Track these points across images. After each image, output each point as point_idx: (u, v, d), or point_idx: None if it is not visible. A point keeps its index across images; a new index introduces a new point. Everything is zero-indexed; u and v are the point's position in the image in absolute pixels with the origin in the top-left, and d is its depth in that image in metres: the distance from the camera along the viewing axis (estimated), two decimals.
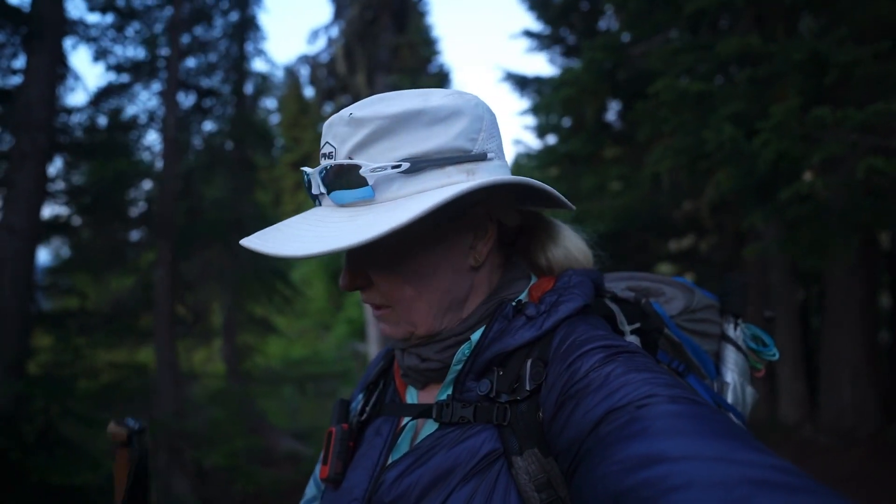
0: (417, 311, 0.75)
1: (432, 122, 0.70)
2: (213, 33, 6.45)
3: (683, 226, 7.51)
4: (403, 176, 0.69)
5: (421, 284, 0.74)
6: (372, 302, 0.77)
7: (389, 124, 0.70)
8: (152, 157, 6.04)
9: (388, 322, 0.77)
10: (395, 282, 0.73)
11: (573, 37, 7.84)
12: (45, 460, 3.33)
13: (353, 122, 0.70)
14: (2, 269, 3.62)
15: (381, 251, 0.72)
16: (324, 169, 0.71)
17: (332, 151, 0.72)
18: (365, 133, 0.70)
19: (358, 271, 0.75)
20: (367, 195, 0.69)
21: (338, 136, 0.71)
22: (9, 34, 3.93)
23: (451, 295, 0.76)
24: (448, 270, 0.75)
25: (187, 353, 6.32)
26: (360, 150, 0.69)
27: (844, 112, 3.00)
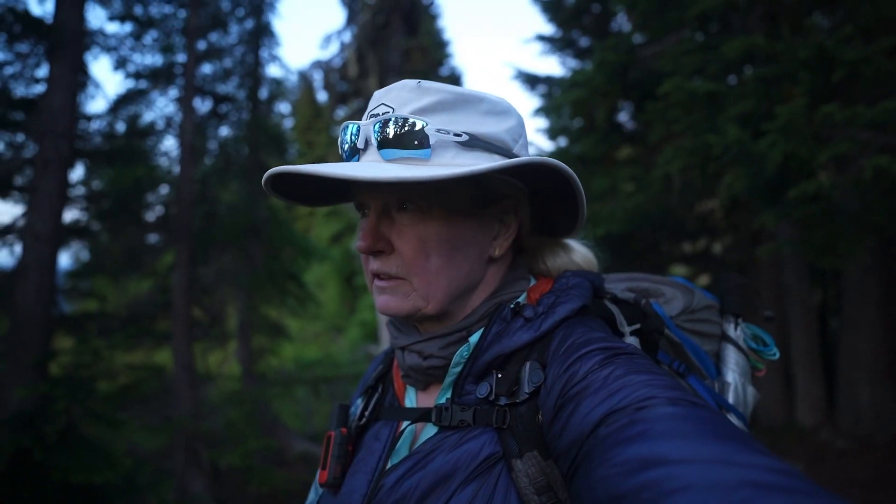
0: (436, 286, 0.74)
1: (489, 112, 0.74)
2: (228, 40, 6.54)
3: (697, 227, 7.42)
4: (458, 147, 0.72)
5: (449, 258, 0.74)
6: (386, 271, 0.74)
7: (453, 100, 0.72)
8: (169, 162, 6.14)
9: (396, 294, 0.75)
10: (425, 250, 0.73)
11: (585, 39, 7.81)
12: (67, 459, 3.39)
13: (420, 89, 0.72)
14: (26, 273, 3.71)
15: (427, 214, 0.72)
16: (383, 121, 0.71)
17: (388, 111, 0.72)
18: (429, 101, 0.71)
19: (382, 235, 0.74)
20: (424, 155, 0.70)
21: (397, 100, 0.72)
22: (32, 45, 4.04)
23: (468, 279, 0.76)
24: (473, 253, 0.76)
25: (203, 355, 6.40)
26: (421, 115, 0.71)
27: (854, 110, 2.96)
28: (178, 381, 5.14)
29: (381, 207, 0.75)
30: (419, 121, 0.70)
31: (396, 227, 0.74)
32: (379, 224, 0.74)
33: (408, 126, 0.70)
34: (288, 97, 10.20)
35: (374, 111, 0.74)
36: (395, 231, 0.74)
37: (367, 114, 0.75)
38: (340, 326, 16.65)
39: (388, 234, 0.74)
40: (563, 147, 7.52)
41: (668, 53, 4.81)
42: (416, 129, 0.69)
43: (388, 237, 0.74)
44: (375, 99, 0.76)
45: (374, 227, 0.74)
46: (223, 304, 6.60)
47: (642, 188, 5.56)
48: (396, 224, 0.74)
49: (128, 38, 4.99)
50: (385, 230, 0.74)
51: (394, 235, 0.74)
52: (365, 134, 0.73)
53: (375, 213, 0.75)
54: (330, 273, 17.03)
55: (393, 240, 0.74)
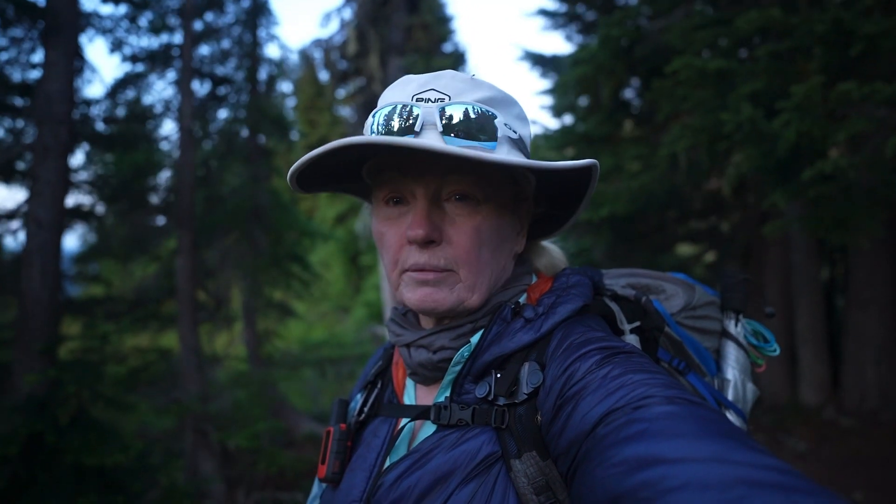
0: (483, 277, 0.74)
1: (519, 116, 0.76)
2: (225, 20, 6.44)
3: (703, 205, 7.35)
4: (511, 143, 0.73)
5: (495, 251, 0.75)
6: (435, 263, 0.72)
7: (501, 98, 0.73)
8: (170, 146, 6.11)
9: (441, 287, 0.73)
10: (479, 242, 0.72)
11: (590, 13, 7.63)
12: (79, 442, 3.46)
13: (474, 82, 0.72)
14: (31, 260, 3.73)
15: (481, 205, 0.72)
16: (449, 106, 0.68)
17: (442, 98, 0.70)
18: (484, 94, 0.71)
19: (436, 224, 0.72)
20: (490, 147, 0.69)
21: (451, 88, 0.70)
22: (26, 29, 3.99)
23: (503, 273, 0.78)
24: (509, 248, 0.78)
25: (209, 338, 6.47)
26: (483, 105, 0.70)
27: (871, 86, 2.89)
28: (186, 363, 5.20)
29: (432, 195, 0.72)
30: (492, 112, 0.69)
31: (448, 217, 0.72)
32: (430, 212, 0.72)
33: (479, 115, 0.68)
34: (289, 76, 10.09)
35: (423, 95, 0.71)
36: (447, 220, 0.72)
37: (412, 96, 0.71)
38: (346, 307, 16.77)
39: (439, 223, 0.72)
40: (567, 125, 7.42)
41: (677, 28, 4.69)
42: (488, 120, 0.69)
43: (440, 227, 0.72)
44: (420, 83, 0.72)
45: (429, 215, 0.72)
46: (228, 287, 6.64)
47: (648, 167, 5.49)
48: (448, 214, 0.73)
49: (123, 19, 4.92)
50: (436, 219, 0.72)
51: (446, 224, 0.72)
52: (425, 117, 0.69)
53: (426, 200, 0.72)
54: (335, 253, 17.09)
55: (445, 229, 0.72)
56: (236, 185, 6.48)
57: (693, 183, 6.34)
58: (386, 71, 9.80)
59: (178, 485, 4.24)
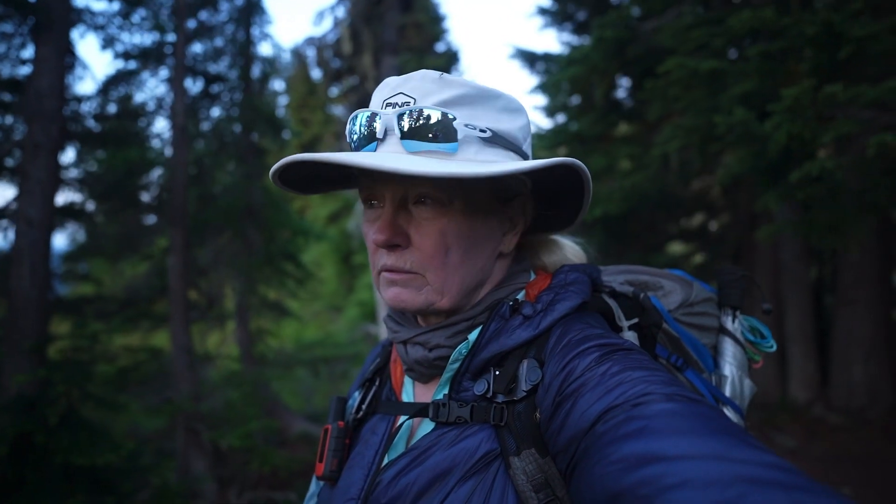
0: (451, 281, 0.73)
1: (504, 109, 0.74)
2: (218, 17, 6.39)
3: (694, 205, 7.41)
4: (481, 143, 0.71)
5: (466, 253, 0.73)
6: (400, 266, 0.73)
7: (475, 94, 0.71)
8: (162, 144, 6.06)
9: (410, 288, 0.73)
10: (444, 245, 0.72)
11: (583, 13, 7.66)
12: (68, 442, 3.43)
13: (442, 81, 0.71)
14: (20, 259, 3.69)
15: (447, 208, 0.71)
16: (407, 111, 0.68)
17: (409, 101, 0.70)
18: (452, 94, 0.70)
19: (400, 228, 0.72)
20: (451, 149, 0.68)
21: (419, 90, 0.70)
22: (17, 24, 3.94)
23: (480, 274, 0.77)
24: (487, 249, 0.77)
25: (202, 337, 6.43)
26: (445, 108, 0.69)
27: (857, 89, 2.92)
28: (177, 362, 5.16)
29: (398, 200, 0.73)
30: (448, 114, 0.68)
31: (414, 221, 0.72)
32: (396, 216, 0.72)
33: (435, 119, 0.68)
34: (281, 75, 10.04)
35: (392, 100, 0.71)
36: (412, 224, 0.72)
37: (383, 102, 0.72)
38: (339, 306, 16.71)
39: (405, 226, 0.73)
40: (560, 125, 7.44)
41: (669, 28, 4.72)
42: (445, 122, 0.68)
43: (406, 230, 0.73)
44: (391, 87, 0.73)
45: (392, 220, 0.72)
46: (220, 286, 6.60)
47: (640, 167, 5.52)
48: (414, 217, 0.72)
49: (115, 16, 4.87)
50: (402, 223, 0.73)
51: (412, 229, 0.72)
52: (385, 123, 0.70)
53: (392, 205, 0.72)
54: (327, 252, 17.02)
55: (411, 233, 0.72)
56: (229, 183, 6.44)
57: (683, 182, 6.39)
58: (379, 70, 9.78)
59: (169, 485, 4.22)
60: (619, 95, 7.23)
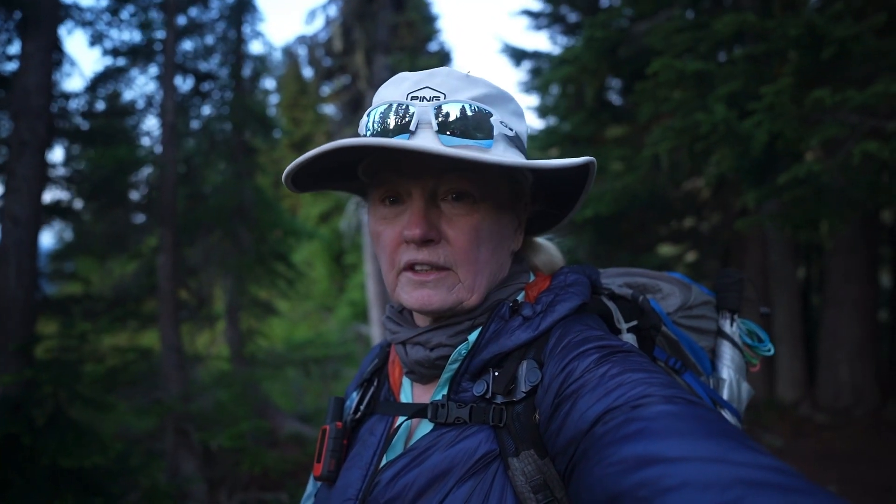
0: (482, 276, 0.73)
1: (515, 112, 0.75)
2: (209, 15, 6.34)
3: (684, 206, 7.47)
4: (507, 141, 0.72)
5: (495, 250, 0.74)
6: (434, 261, 0.72)
7: (496, 95, 0.72)
8: (152, 142, 6.00)
9: (440, 288, 0.72)
10: (477, 241, 0.72)
11: (574, 14, 7.69)
12: (55, 444, 3.38)
13: (470, 79, 0.71)
14: (6, 257, 3.63)
15: (478, 204, 0.72)
16: (444, 105, 0.68)
17: (438, 96, 0.69)
18: (480, 92, 0.70)
19: (433, 223, 0.72)
20: (486, 145, 0.69)
21: (445, 85, 0.70)
22: (3, 20, 3.87)
23: (501, 271, 0.78)
24: (507, 246, 0.78)
25: (191, 337, 6.37)
26: (479, 104, 0.69)
27: (844, 93, 2.96)
28: (167, 363, 5.11)
29: (429, 194, 0.72)
30: (487, 111, 0.69)
31: (445, 216, 0.72)
32: (427, 211, 0.72)
33: (478, 113, 0.68)
34: (273, 73, 9.97)
35: (418, 94, 0.70)
36: (444, 219, 0.72)
37: (407, 95, 0.71)
38: (330, 306, 16.65)
39: (436, 222, 0.72)
40: (551, 125, 7.46)
41: (659, 30, 4.75)
42: (483, 118, 0.68)
43: (438, 226, 0.72)
44: (414, 81, 0.72)
45: (426, 214, 0.72)
46: (210, 286, 6.55)
47: (631, 168, 5.56)
48: (444, 213, 0.72)
49: (104, 12, 4.81)
50: (433, 218, 0.72)
51: (443, 223, 0.72)
52: (420, 116, 0.69)
53: (423, 200, 0.72)
54: (318, 252, 16.95)
55: (443, 228, 0.72)
56: (219, 182, 6.39)
57: (674, 183, 6.44)
58: (371, 69, 9.76)
59: (158, 486, 4.17)
60: (609, 96, 7.27)
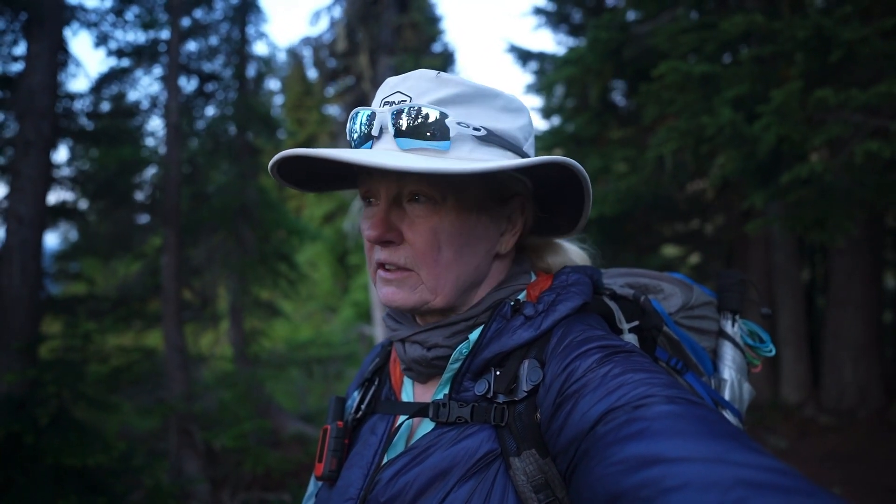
0: (445, 279, 0.73)
1: (504, 108, 0.74)
2: (213, 16, 6.36)
3: (688, 207, 7.45)
4: (475, 141, 0.71)
5: (459, 252, 0.73)
6: (394, 261, 0.73)
7: (472, 93, 0.71)
8: (156, 143, 6.03)
9: (404, 287, 0.74)
10: (436, 243, 0.72)
11: (579, 14, 7.69)
12: (59, 442, 3.40)
13: (439, 80, 0.71)
14: (10, 257, 3.65)
15: (440, 206, 0.72)
16: (400, 110, 0.69)
17: (405, 100, 0.70)
18: (448, 93, 0.70)
19: (392, 224, 0.73)
20: (443, 147, 0.69)
21: (415, 89, 0.71)
22: (9, 21, 3.90)
23: (476, 273, 0.76)
24: (482, 248, 0.76)
25: (195, 337, 6.40)
26: (440, 106, 0.69)
27: (848, 93, 2.95)
28: (170, 362, 5.13)
29: (392, 197, 0.73)
30: (440, 112, 0.68)
31: (408, 218, 0.73)
32: (389, 213, 0.73)
33: (428, 117, 0.68)
34: (277, 74, 10.02)
35: (389, 98, 0.72)
36: (406, 221, 0.73)
37: (381, 101, 0.74)
38: (333, 306, 16.67)
39: (398, 223, 0.73)
40: (556, 126, 7.46)
41: (663, 31, 4.74)
42: (437, 120, 0.68)
43: (399, 227, 0.73)
44: (390, 86, 0.74)
45: (385, 217, 0.73)
46: (214, 286, 6.57)
47: (635, 169, 5.54)
48: (408, 214, 0.73)
49: (109, 13, 4.84)
50: (395, 220, 0.73)
51: (405, 226, 0.73)
52: (381, 121, 0.71)
53: (386, 202, 0.73)
54: (322, 253, 16.98)
55: (403, 230, 0.73)
56: (223, 182, 6.42)
57: (678, 184, 6.42)
58: (375, 70, 9.77)
59: (162, 485, 4.19)
60: (614, 98, 7.26)
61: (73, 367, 3.79)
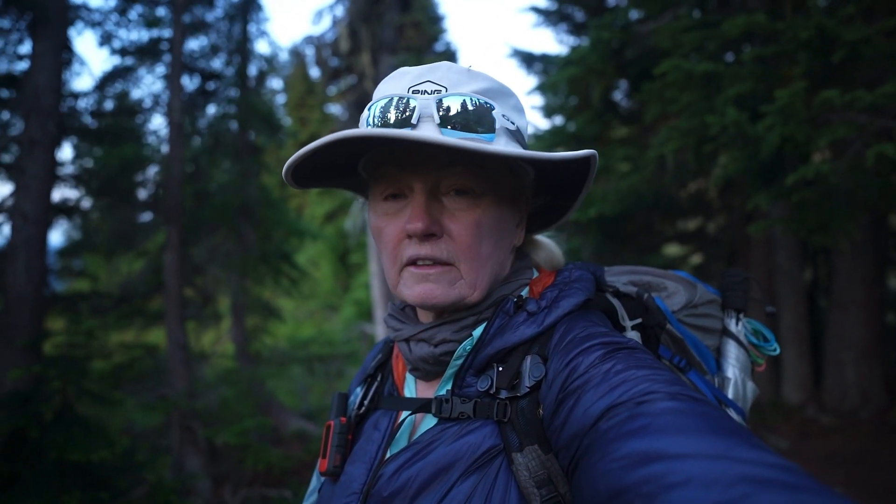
0: (484, 272, 0.73)
1: (516, 108, 0.76)
2: (215, 14, 6.38)
3: (690, 206, 7.44)
4: (509, 135, 0.72)
5: (496, 245, 0.74)
6: (436, 255, 0.71)
7: (497, 89, 0.72)
8: (158, 141, 6.04)
9: (442, 282, 0.72)
10: (480, 235, 0.71)
11: (580, 13, 7.68)
12: (63, 438, 3.41)
13: (471, 73, 0.71)
14: (15, 254, 3.67)
15: (480, 199, 0.71)
16: (446, 98, 0.68)
17: (440, 90, 0.69)
18: (482, 86, 0.71)
19: (435, 217, 0.71)
20: (488, 139, 0.68)
21: (447, 79, 0.70)
22: (14, 20, 3.91)
23: (501, 267, 0.77)
24: (508, 241, 0.77)
25: (197, 334, 6.42)
26: (480, 97, 0.69)
27: (853, 94, 2.94)
28: (173, 359, 5.15)
29: (430, 188, 0.72)
30: (489, 104, 0.68)
31: (447, 211, 0.72)
32: (430, 206, 0.72)
33: (476, 107, 0.67)
34: (279, 73, 10.02)
35: (420, 87, 0.70)
36: (446, 214, 0.72)
37: (408, 89, 0.71)
38: (334, 305, 16.69)
39: (438, 216, 0.72)
40: (557, 125, 7.45)
41: (665, 30, 4.73)
42: (484, 111, 0.68)
43: (440, 220, 0.72)
44: (415, 75, 0.71)
45: (428, 209, 0.71)
46: (216, 284, 6.59)
47: (637, 169, 5.54)
48: (447, 207, 0.72)
49: (112, 12, 4.86)
50: (435, 213, 0.72)
51: (445, 218, 0.71)
52: (421, 109, 0.68)
53: (424, 194, 0.71)
54: (324, 251, 16.99)
55: (445, 223, 0.71)
56: (225, 181, 6.43)
57: (679, 184, 6.41)
58: (377, 69, 9.77)
59: (164, 482, 4.20)
60: (616, 97, 7.25)
61: (77, 363, 3.80)
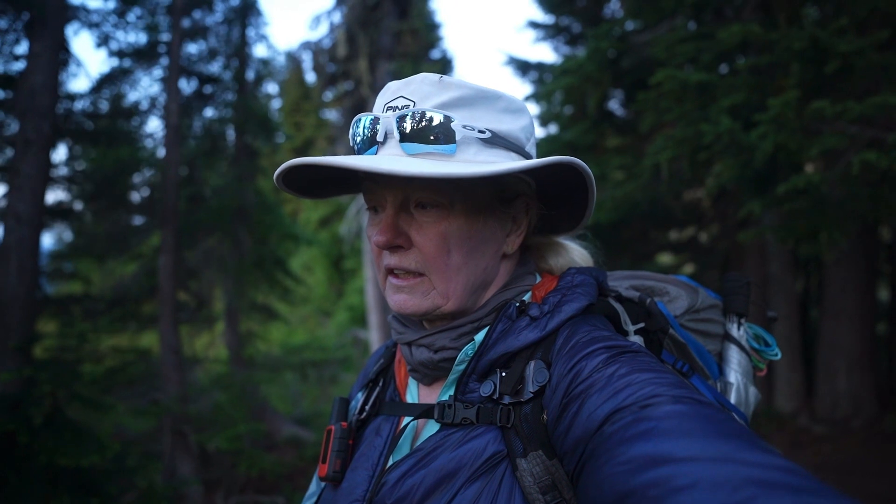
0: (456, 283, 0.73)
1: (506, 110, 0.74)
2: (213, 18, 6.38)
3: (684, 215, 7.49)
4: (480, 144, 0.71)
5: (468, 255, 0.73)
6: (404, 266, 0.73)
7: (474, 95, 0.72)
8: (154, 144, 6.03)
9: (415, 293, 0.74)
10: (446, 247, 0.72)
11: (577, 25, 7.74)
12: (53, 442, 3.37)
13: (442, 83, 0.71)
14: (7, 256, 3.64)
15: (448, 211, 0.72)
16: (405, 114, 0.69)
17: (409, 104, 0.71)
18: (451, 96, 0.70)
19: (401, 230, 0.73)
20: (449, 151, 0.68)
21: (418, 93, 0.71)
22: (11, 20, 3.90)
23: (484, 275, 0.76)
24: (490, 250, 0.76)
25: (190, 339, 6.37)
26: (443, 110, 0.69)
27: (844, 104, 2.99)
28: (165, 364, 5.11)
29: (400, 202, 0.73)
30: (445, 116, 0.68)
31: (416, 223, 0.73)
32: (397, 218, 0.73)
33: (433, 120, 0.68)
34: (275, 78, 10.02)
35: (393, 103, 0.72)
36: (414, 226, 0.73)
37: (384, 105, 0.73)
38: (328, 310, 16.62)
39: (406, 228, 0.73)
40: (553, 134, 7.49)
41: (661, 41, 4.79)
42: (442, 124, 0.68)
43: (407, 232, 0.73)
44: (392, 91, 0.74)
45: (394, 222, 0.72)
46: (210, 288, 6.55)
47: (632, 177, 5.58)
48: (416, 219, 0.73)
49: (111, 14, 4.85)
50: (403, 225, 0.73)
51: (413, 231, 0.73)
52: (385, 127, 0.70)
53: (394, 208, 0.73)
54: (318, 257, 16.93)
55: (412, 235, 0.73)
56: (220, 184, 6.41)
57: (674, 192, 6.46)
58: (374, 75, 9.81)
59: (155, 487, 4.15)
60: (611, 106, 7.31)
61: (68, 366, 3.77)
